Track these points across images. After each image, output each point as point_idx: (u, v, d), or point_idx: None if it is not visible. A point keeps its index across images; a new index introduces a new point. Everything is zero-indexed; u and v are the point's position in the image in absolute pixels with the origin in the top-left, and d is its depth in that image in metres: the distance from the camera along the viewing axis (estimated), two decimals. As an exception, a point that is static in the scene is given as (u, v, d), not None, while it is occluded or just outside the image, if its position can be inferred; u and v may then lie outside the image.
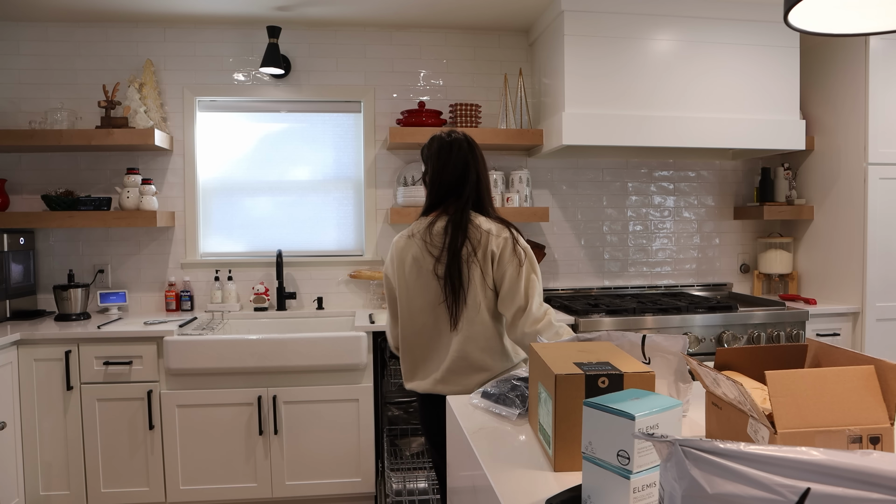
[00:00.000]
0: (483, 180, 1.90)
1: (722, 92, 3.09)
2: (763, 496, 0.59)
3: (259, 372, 2.75)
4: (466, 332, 1.81)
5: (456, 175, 1.87)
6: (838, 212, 3.30)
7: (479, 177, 1.89)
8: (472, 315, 1.81)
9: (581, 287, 3.57)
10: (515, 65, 3.50)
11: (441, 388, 1.85)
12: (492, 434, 1.24)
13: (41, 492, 2.72)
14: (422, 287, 1.85)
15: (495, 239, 1.81)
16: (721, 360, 1.19)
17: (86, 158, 3.26)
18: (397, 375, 3.01)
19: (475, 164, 1.89)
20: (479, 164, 1.90)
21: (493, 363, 1.84)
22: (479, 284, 1.80)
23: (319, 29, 3.37)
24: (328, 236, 3.46)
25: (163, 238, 3.31)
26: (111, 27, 3.25)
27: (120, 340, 2.72)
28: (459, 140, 1.90)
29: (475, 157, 1.89)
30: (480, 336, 1.82)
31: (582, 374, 1.04)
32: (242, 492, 2.78)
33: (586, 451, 0.86)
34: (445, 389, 1.85)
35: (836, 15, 1.24)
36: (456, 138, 1.91)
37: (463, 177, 1.87)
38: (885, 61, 3.08)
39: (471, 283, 1.80)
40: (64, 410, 2.71)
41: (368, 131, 3.41)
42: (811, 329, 3.12)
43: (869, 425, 0.92)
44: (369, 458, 2.84)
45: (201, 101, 3.35)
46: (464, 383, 1.84)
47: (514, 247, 1.80)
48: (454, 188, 1.87)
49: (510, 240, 1.81)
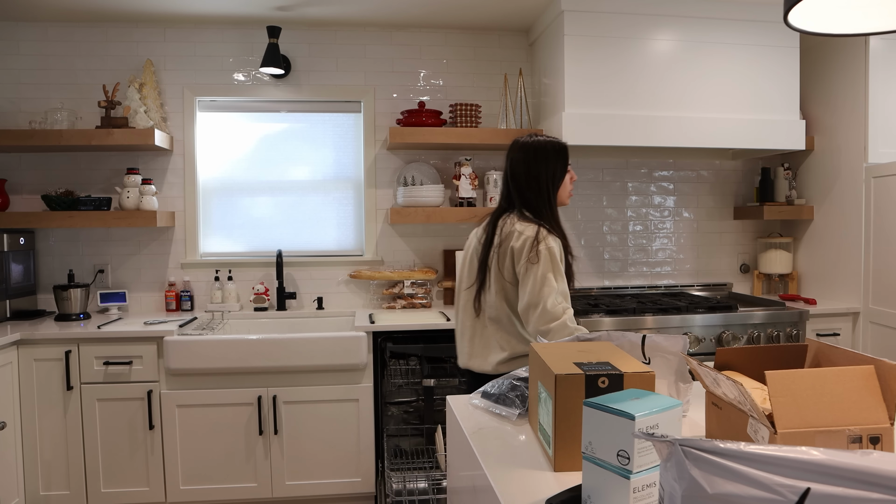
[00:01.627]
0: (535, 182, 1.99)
1: (722, 92, 3.09)
2: (763, 496, 0.59)
3: (259, 372, 2.75)
4: (487, 314, 2.02)
5: (509, 176, 2.05)
6: (838, 212, 3.30)
7: (531, 178, 2.00)
8: (492, 300, 1.99)
9: (581, 287, 3.57)
10: (515, 65, 3.50)
11: (471, 362, 2.07)
12: (492, 434, 1.24)
13: (41, 492, 2.72)
14: (467, 272, 2.11)
15: (518, 237, 1.93)
16: (721, 360, 1.19)
17: (86, 158, 3.26)
18: (397, 375, 3.01)
19: (528, 166, 2.00)
20: (532, 166, 2.00)
21: (509, 345, 2.00)
22: (495, 275, 1.98)
23: (319, 29, 3.37)
24: (328, 236, 3.46)
25: (163, 238, 3.31)
26: (111, 27, 3.25)
27: (120, 340, 2.72)
28: (519, 143, 2.04)
29: (533, 160, 2.00)
30: (497, 319, 2.00)
31: (582, 374, 1.04)
32: (242, 492, 2.78)
33: (586, 451, 0.86)
34: (474, 364, 2.06)
35: (836, 15, 1.24)
36: (517, 140, 2.05)
37: (512, 178, 2.03)
38: (885, 61, 3.08)
39: (490, 273, 1.99)
40: (64, 410, 2.71)
41: (368, 131, 3.41)
42: (811, 329, 3.12)
43: (869, 425, 0.92)
44: (369, 458, 2.84)
45: (201, 101, 3.35)
46: (489, 360, 2.02)
47: (532, 246, 1.90)
48: (508, 188, 2.05)
49: (531, 239, 1.91)
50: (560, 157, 2.03)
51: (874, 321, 3.08)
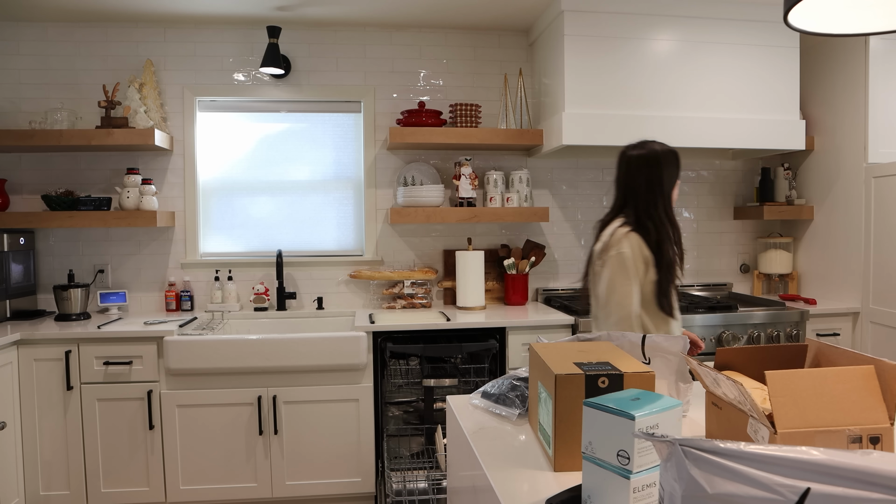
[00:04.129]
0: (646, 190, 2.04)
1: (722, 92, 3.09)
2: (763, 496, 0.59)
3: (259, 372, 2.75)
4: (596, 315, 2.14)
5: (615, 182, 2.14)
6: (838, 212, 3.30)
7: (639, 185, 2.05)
8: (593, 302, 2.14)
9: (581, 287, 3.56)
10: (515, 65, 3.50)
11: None
12: (492, 434, 1.23)
13: (41, 492, 2.72)
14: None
15: (601, 243, 2.07)
16: (721, 360, 1.19)
17: (86, 158, 3.26)
18: (397, 375, 3.01)
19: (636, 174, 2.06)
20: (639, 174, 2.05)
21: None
22: (590, 276, 2.14)
23: (319, 29, 3.37)
24: (328, 236, 3.46)
25: (163, 238, 3.31)
26: (111, 27, 3.25)
27: (120, 340, 2.72)
28: (623, 152, 2.11)
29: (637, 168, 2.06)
30: (597, 317, 2.12)
31: (582, 374, 1.04)
32: (242, 492, 2.78)
33: (586, 451, 0.86)
34: None
35: (836, 15, 1.24)
36: (623, 150, 2.12)
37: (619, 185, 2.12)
38: (885, 61, 3.08)
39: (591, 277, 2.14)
40: (64, 410, 2.71)
41: (368, 131, 3.41)
42: (811, 329, 3.12)
43: (869, 425, 0.92)
44: (369, 458, 2.84)
45: (201, 101, 3.35)
46: None
47: (605, 251, 2.02)
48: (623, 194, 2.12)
49: (608, 244, 2.03)
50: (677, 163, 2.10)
51: (874, 321, 3.08)
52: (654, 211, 2.04)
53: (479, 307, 3.20)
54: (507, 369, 2.92)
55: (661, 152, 2.06)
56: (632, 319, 1.97)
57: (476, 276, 3.18)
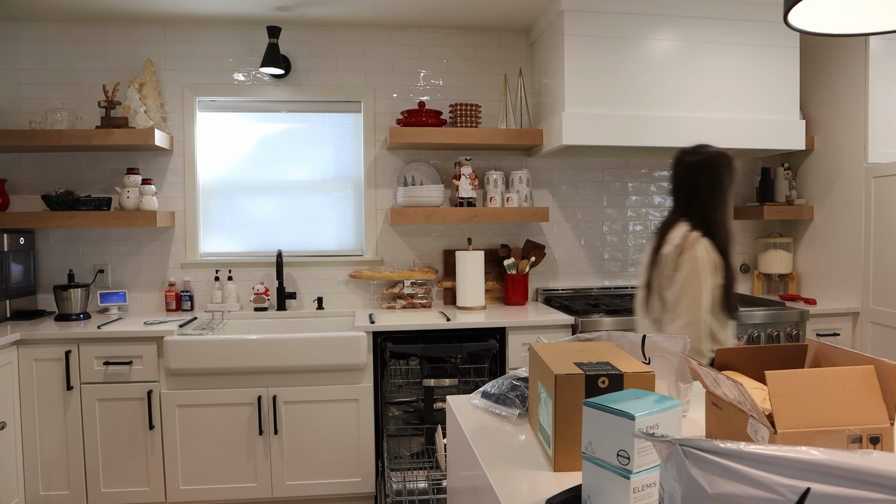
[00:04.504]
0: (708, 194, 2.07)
1: (722, 92, 3.09)
2: (763, 496, 0.59)
3: (259, 372, 2.75)
4: (652, 316, 2.16)
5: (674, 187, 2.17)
6: (838, 212, 3.30)
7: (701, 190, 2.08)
8: (653, 301, 2.14)
9: (581, 287, 3.57)
10: (515, 65, 3.50)
11: None
12: (492, 434, 1.23)
13: (41, 492, 2.72)
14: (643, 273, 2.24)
15: (670, 246, 2.08)
16: (721, 360, 1.19)
17: (86, 158, 3.26)
18: (397, 375, 3.01)
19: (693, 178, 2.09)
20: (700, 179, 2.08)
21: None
22: (656, 278, 2.13)
23: (319, 29, 3.37)
24: (328, 236, 3.46)
25: (163, 238, 3.31)
26: (111, 27, 3.25)
27: (120, 340, 2.72)
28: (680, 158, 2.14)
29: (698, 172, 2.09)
30: (659, 321, 2.13)
31: (582, 374, 1.04)
32: (242, 492, 2.78)
33: (586, 451, 0.86)
34: None
35: (836, 15, 1.24)
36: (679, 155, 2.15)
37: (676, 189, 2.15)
38: (885, 61, 3.08)
39: (654, 278, 2.13)
40: (64, 410, 2.71)
41: (368, 131, 3.41)
42: (811, 329, 3.12)
43: (869, 425, 0.92)
44: (369, 458, 2.84)
45: (201, 101, 3.35)
46: None
47: (678, 255, 2.04)
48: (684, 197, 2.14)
49: (678, 248, 2.05)
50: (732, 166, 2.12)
51: (874, 321, 3.08)
52: (717, 216, 2.08)
53: (479, 307, 3.20)
54: (507, 369, 2.92)
55: (721, 156, 2.09)
56: (701, 324, 1.99)
57: (476, 276, 3.18)
